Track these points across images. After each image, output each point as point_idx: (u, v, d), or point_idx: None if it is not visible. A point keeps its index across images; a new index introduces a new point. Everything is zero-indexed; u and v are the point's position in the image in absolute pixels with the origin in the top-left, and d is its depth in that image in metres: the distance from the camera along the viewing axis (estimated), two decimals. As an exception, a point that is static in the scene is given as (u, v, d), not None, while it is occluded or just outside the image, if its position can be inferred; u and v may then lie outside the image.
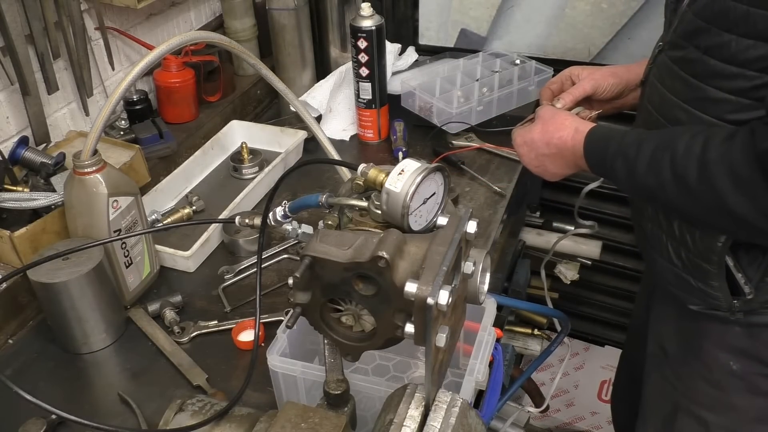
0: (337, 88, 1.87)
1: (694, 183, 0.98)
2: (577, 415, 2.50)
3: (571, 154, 1.20)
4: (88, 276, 1.19)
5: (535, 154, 1.27)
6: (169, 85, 1.79)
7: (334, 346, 0.88)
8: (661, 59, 1.14)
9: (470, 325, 1.10)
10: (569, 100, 1.36)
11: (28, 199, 1.31)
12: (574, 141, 1.19)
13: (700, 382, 1.24)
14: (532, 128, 1.28)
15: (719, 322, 1.16)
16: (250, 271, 1.45)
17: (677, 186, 1.01)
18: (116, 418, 1.14)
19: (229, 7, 1.95)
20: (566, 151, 1.21)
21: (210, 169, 1.78)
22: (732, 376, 1.19)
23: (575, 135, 1.19)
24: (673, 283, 1.20)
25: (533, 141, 1.26)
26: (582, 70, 1.39)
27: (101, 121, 1.16)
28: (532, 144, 1.26)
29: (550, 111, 1.28)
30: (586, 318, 2.54)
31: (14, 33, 1.37)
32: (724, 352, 1.18)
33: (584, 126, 1.19)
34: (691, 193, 0.99)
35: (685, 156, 0.99)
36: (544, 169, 1.28)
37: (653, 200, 1.15)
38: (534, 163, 1.29)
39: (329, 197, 0.86)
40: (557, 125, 1.23)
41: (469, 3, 2.10)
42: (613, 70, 1.39)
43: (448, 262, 0.73)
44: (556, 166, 1.25)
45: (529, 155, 1.28)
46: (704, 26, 1.00)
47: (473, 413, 0.84)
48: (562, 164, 1.24)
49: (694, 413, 1.26)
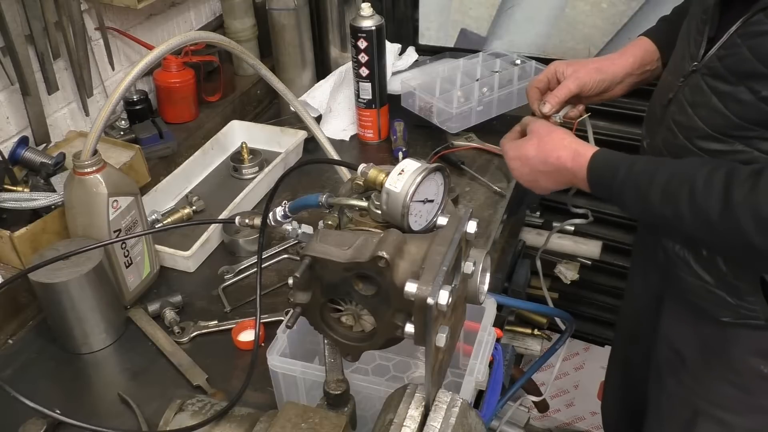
0: (337, 88, 1.87)
1: (717, 219, 0.96)
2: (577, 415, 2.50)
3: (570, 174, 1.20)
4: (88, 276, 1.19)
5: (529, 169, 1.26)
6: (169, 85, 1.79)
7: (334, 346, 0.88)
8: (695, 82, 1.10)
9: (470, 325, 1.10)
10: (555, 102, 1.34)
11: (28, 199, 1.31)
12: (574, 164, 1.18)
13: (726, 386, 1.22)
14: (526, 142, 1.26)
15: (750, 328, 1.15)
16: (250, 271, 1.45)
17: (697, 220, 0.99)
18: (116, 419, 1.13)
19: (229, 7, 1.95)
20: (564, 172, 1.20)
21: (210, 169, 1.78)
22: (762, 379, 1.18)
23: (576, 157, 1.18)
24: (703, 297, 1.18)
25: (528, 157, 1.25)
26: (567, 67, 1.37)
27: (101, 121, 1.15)
28: (526, 159, 1.25)
29: (545, 127, 1.27)
30: (586, 318, 2.53)
31: (14, 33, 1.37)
32: (755, 357, 1.17)
33: (585, 149, 1.18)
34: (713, 228, 0.98)
35: (705, 191, 0.97)
36: (536, 184, 1.28)
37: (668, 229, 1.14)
38: (527, 178, 1.28)
39: (329, 197, 0.86)
40: (555, 143, 1.22)
41: (469, 3, 2.10)
42: (597, 65, 1.37)
43: (448, 262, 0.73)
44: (550, 182, 1.25)
45: (522, 169, 1.27)
46: (766, 72, 0.95)
47: (473, 413, 0.84)
48: (556, 181, 1.24)
49: (717, 417, 1.25)
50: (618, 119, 2.10)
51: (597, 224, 2.22)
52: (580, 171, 1.17)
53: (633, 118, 2.04)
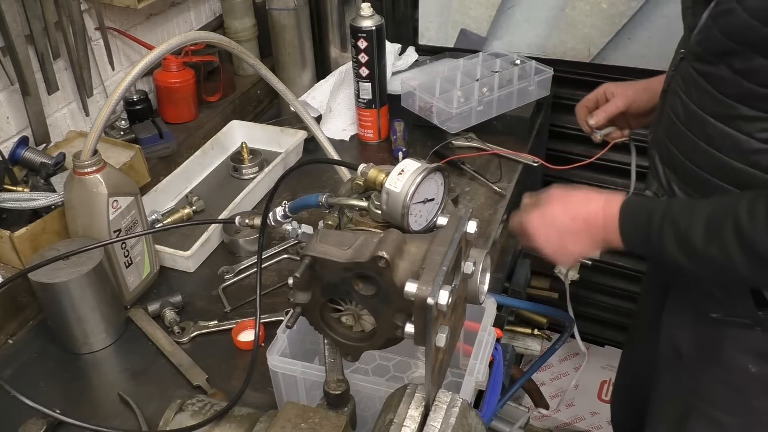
0: (337, 88, 1.87)
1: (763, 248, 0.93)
2: (577, 415, 2.49)
3: (601, 228, 1.09)
4: (88, 276, 1.19)
5: (556, 232, 1.12)
6: (169, 85, 1.79)
7: (334, 346, 0.88)
8: (684, 69, 1.11)
9: (470, 325, 1.10)
10: (602, 117, 1.36)
11: (28, 199, 1.31)
12: (605, 212, 1.08)
13: (718, 385, 1.23)
14: (548, 206, 1.14)
15: (740, 326, 1.15)
16: (250, 271, 1.45)
17: (745, 254, 0.95)
18: (116, 418, 1.14)
19: (229, 7, 1.95)
20: (596, 226, 1.09)
21: (210, 169, 1.78)
22: (751, 378, 1.17)
23: (606, 206, 1.08)
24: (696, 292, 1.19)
25: (554, 217, 1.12)
26: (616, 87, 1.39)
27: (101, 121, 1.16)
28: (552, 221, 1.12)
29: (563, 188, 1.16)
30: (586, 318, 2.53)
31: (14, 33, 1.37)
32: (744, 355, 1.17)
33: (615, 196, 1.09)
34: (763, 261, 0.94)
35: (751, 223, 0.93)
36: (564, 250, 1.14)
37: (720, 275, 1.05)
38: (554, 244, 1.13)
39: (329, 197, 0.86)
40: (582, 198, 1.12)
41: (469, 3, 2.10)
42: (645, 85, 1.37)
43: (448, 262, 0.73)
44: (580, 244, 1.12)
45: (549, 233, 1.13)
46: (736, 48, 0.97)
47: (473, 413, 0.84)
48: (586, 242, 1.11)
49: (709, 415, 1.26)
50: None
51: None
52: (611, 220, 1.07)
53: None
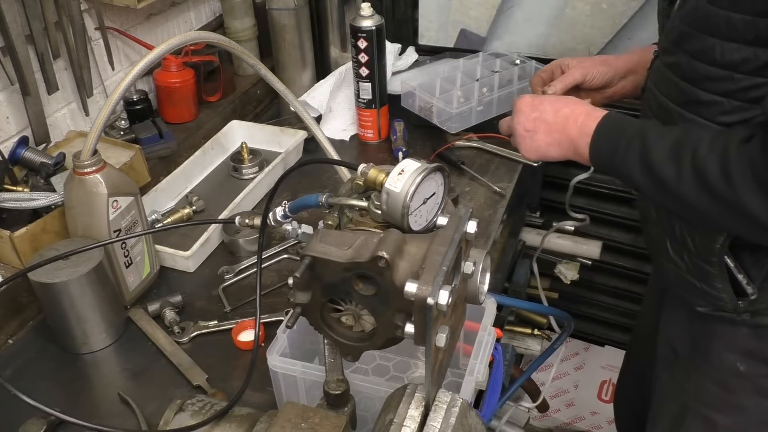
0: (337, 88, 1.87)
1: (714, 179, 0.96)
2: (577, 415, 2.49)
3: (575, 129, 1.13)
4: (88, 276, 1.19)
5: (535, 116, 1.18)
6: (169, 85, 1.79)
7: (334, 346, 0.88)
8: (656, 65, 1.14)
9: (470, 325, 1.10)
10: (559, 87, 1.35)
11: (28, 199, 1.31)
12: (586, 117, 1.12)
13: (709, 384, 1.23)
14: (542, 96, 1.23)
15: (727, 323, 1.15)
16: (250, 271, 1.45)
17: (696, 180, 0.98)
18: (116, 418, 1.14)
19: (229, 7, 1.95)
20: (571, 126, 1.13)
21: (210, 169, 1.78)
22: (739, 377, 1.18)
23: (590, 112, 1.13)
24: (678, 285, 1.19)
25: (541, 104, 1.18)
26: (572, 59, 1.40)
27: (101, 121, 1.16)
28: (537, 106, 1.18)
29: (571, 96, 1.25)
30: (586, 318, 2.54)
31: (14, 33, 1.37)
32: (732, 354, 1.18)
33: (599, 110, 1.14)
34: (709, 189, 0.97)
35: (708, 151, 0.97)
36: (532, 136, 1.19)
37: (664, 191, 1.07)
38: (527, 125, 1.19)
39: (329, 197, 0.86)
40: (573, 100, 1.19)
41: (469, 3, 2.10)
42: (603, 59, 1.39)
43: (448, 262, 0.73)
44: (549, 138, 1.17)
45: (528, 115, 1.19)
46: (690, 31, 1.00)
47: (473, 413, 0.84)
48: (556, 139, 1.16)
49: (703, 414, 1.26)
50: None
51: (597, 224, 2.23)
52: (587, 126, 1.11)
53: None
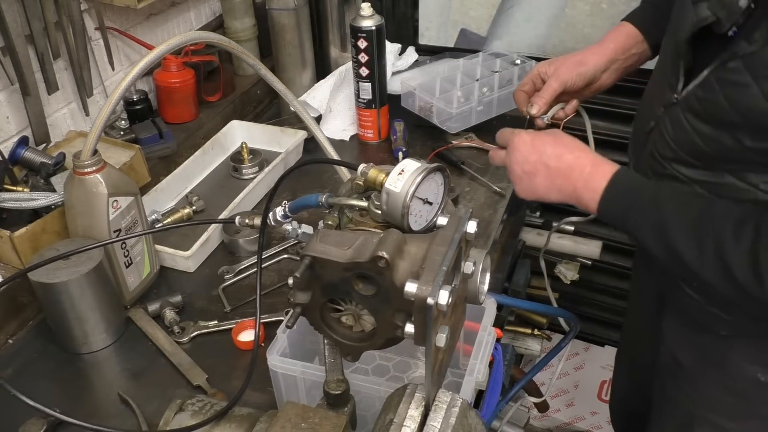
0: (337, 88, 1.87)
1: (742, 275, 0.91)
2: (577, 415, 2.49)
3: (581, 180, 1.06)
4: (88, 276, 1.19)
5: (535, 160, 1.10)
6: (169, 85, 1.79)
7: (334, 346, 0.88)
8: (676, 116, 1.06)
9: (470, 325, 1.10)
10: (542, 104, 1.34)
11: (28, 199, 1.31)
12: (594, 169, 1.05)
13: (722, 393, 1.22)
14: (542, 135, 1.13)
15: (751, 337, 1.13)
16: (250, 271, 1.45)
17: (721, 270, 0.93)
18: (116, 418, 1.14)
19: (229, 7, 1.95)
20: (576, 176, 1.06)
21: (210, 169, 1.78)
22: (759, 386, 1.16)
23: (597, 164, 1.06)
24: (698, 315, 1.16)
25: (543, 145, 1.10)
26: (549, 66, 1.37)
27: (101, 121, 1.15)
28: (539, 148, 1.10)
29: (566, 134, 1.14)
30: (586, 318, 2.53)
31: (14, 33, 1.37)
32: (753, 365, 1.15)
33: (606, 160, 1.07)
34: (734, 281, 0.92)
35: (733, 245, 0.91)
36: (531, 180, 1.12)
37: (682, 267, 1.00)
38: (526, 167, 1.11)
39: (329, 197, 0.86)
40: (577, 145, 1.10)
41: (469, 3, 2.10)
42: (578, 59, 1.35)
43: (448, 262, 0.73)
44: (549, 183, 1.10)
45: (528, 156, 1.11)
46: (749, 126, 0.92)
47: (473, 413, 0.84)
48: (557, 185, 1.09)
49: (713, 422, 1.25)
50: (618, 119, 2.10)
51: (597, 224, 2.22)
52: (597, 181, 1.04)
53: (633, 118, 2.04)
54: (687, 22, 1.02)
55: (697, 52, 1.03)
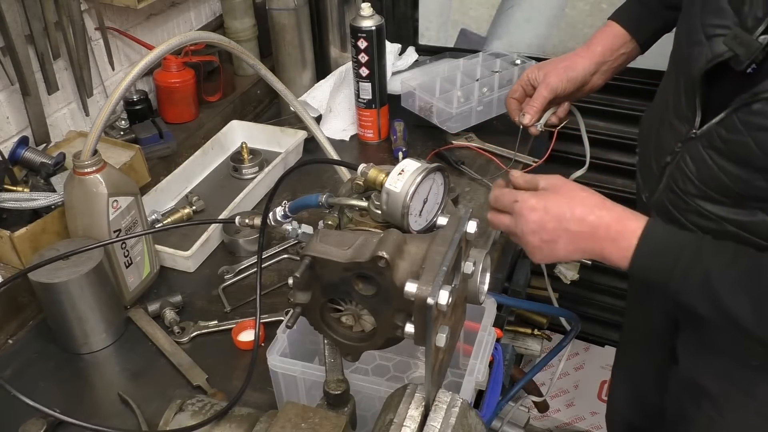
0: (337, 88, 1.87)
1: None
2: (577, 415, 2.50)
3: (607, 241, 0.98)
4: (88, 276, 1.19)
5: (554, 227, 1.00)
6: (169, 85, 1.79)
7: (334, 346, 0.88)
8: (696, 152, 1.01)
9: (470, 325, 1.10)
10: (534, 112, 1.33)
11: (28, 199, 1.31)
12: (620, 227, 0.97)
13: (751, 416, 1.18)
14: (553, 195, 1.02)
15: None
16: (250, 271, 1.45)
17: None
18: (116, 418, 1.13)
19: (229, 7, 1.95)
20: (602, 237, 0.98)
21: (210, 169, 1.78)
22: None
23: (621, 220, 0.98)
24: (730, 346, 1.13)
25: (560, 211, 0.99)
26: (538, 72, 1.36)
27: (101, 121, 1.15)
28: (555, 214, 1.00)
29: (569, 182, 1.04)
30: (586, 318, 2.53)
31: (14, 33, 1.37)
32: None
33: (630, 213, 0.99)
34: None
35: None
36: (551, 246, 1.02)
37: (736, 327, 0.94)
38: (544, 236, 1.01)
39: (329, 197, 0.86)
40: (595, 202, 1.00)
41: (469, 3, 2.10)
42: (566, 63, 1.35)
43: (448, 262, 0.73)
44: (571, 247, 1.01)
45: (544, 224, 1.00)
46: None
47: (473, 413, 0.84)
48: (581, 248, 1.01)
49: None
50: (618, 119, 2.10)
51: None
52: (626, 240, 0.96)
53: (633, 119, 2.04)
54: (701, 57, 0.96)
55: (713, 86, 0.98)
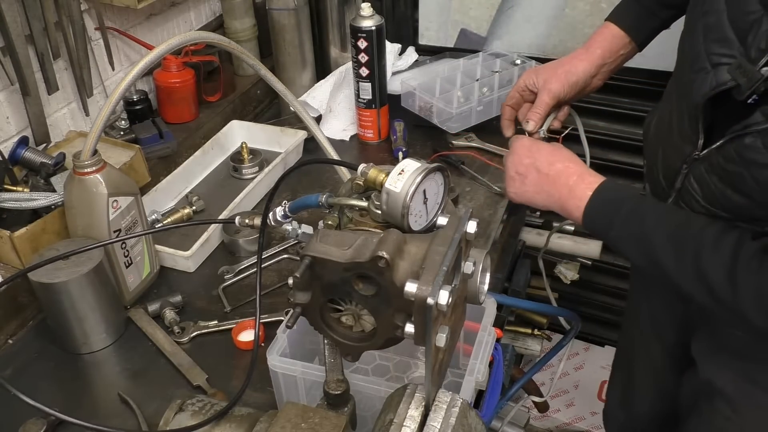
0: (337, 88, 1.87)
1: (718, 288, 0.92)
2: (577, 415, 2.50)
3: (566, 188, 1.11)
4: (88, 276, 1.19)
5: (528, 162, 1.17)
6: (169, 85, 1.79)
7: (334, 346, 0.88)
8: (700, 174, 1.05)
9: (470, 325, 1.10)
10: (537, 119, 1.33)
11: (28, 199, 1.31)
12: (580, 179, 1.11)
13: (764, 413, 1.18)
14: (540, 143, 1.21)
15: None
16: (250, 271, 1.45)
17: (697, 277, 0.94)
18: (116, 418, 1.14)
19: (229, 7, 1.95)
20: (563, 183, 1.12)
21: (210, 169, 1.78)
22: None
23: (584, 175, 1.11)
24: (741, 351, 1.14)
25: (538, 151, 1.17)
26: (537, 78, 1.36)
27: (101, 121, 1.16)
28: (533, 152, 1.17)
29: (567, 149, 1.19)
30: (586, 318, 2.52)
31: (14, 33, 1.37)
32: None
33: (594, 173, 1.11)
34: (713, 293, 0.94)
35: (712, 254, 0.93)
36: (522, 180, 1.18)
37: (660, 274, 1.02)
38: (519, 169, 1.19)
39: (329, 197, 0.86)
40: (569, 156, 1.16)
41: (469, 3, 2.10)
42: (567, 68, 1.35)
43: (448, 262, 0.73)
44: (537, 188, 1.16)
45: (522, 158, 1.18)
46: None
47: (473, 413, 0.84)
48: (545, 190, 1.15)
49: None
50: (618, 119, 2.10)
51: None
52: (582, 191, 1.09)
53: (633, 118, 2.04)
54: (705, 83, 0.99)
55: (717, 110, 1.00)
